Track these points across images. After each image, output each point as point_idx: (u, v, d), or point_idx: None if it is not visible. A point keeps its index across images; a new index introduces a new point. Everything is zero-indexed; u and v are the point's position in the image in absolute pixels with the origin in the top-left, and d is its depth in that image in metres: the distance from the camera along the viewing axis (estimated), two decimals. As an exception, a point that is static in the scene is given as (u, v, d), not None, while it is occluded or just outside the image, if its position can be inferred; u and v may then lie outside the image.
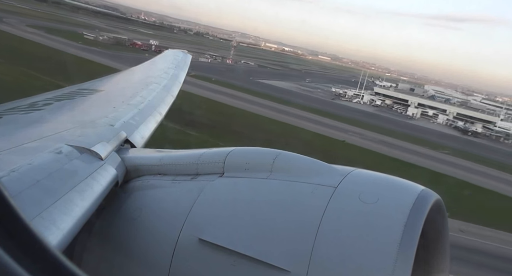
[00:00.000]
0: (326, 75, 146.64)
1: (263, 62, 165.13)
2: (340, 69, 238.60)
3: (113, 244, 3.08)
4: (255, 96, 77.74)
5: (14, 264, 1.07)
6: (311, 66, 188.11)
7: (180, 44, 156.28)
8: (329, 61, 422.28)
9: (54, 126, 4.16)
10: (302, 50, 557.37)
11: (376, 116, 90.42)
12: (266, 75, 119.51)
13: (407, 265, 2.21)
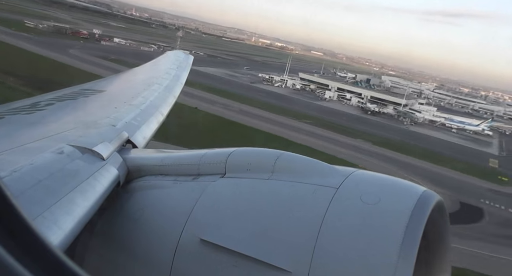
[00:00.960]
0: (283, 65, 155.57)
1: (220, 53, 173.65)
2: (314, 62, 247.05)
3: (114, 244, 3.14)
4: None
5: (16, 263, 1.08)
6: (281, 59, 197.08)
7: (136, 35, 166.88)
8: (321, 57, 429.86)
9: (56, 126, 4.23)
10: (296, 46, 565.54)
11: (284, 97, 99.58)
12: (204, 62, 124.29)
13: (409, 266, 2.23)
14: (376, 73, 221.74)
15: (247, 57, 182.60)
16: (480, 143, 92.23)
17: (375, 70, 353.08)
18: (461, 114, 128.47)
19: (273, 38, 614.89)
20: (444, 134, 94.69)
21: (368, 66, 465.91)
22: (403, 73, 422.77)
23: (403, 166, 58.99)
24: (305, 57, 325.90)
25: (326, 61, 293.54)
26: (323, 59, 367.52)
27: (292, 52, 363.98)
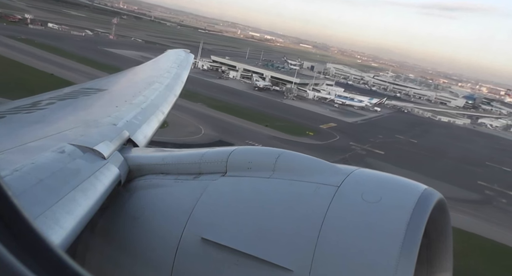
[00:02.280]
0: (234, 53, 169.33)
1: (167, 40, 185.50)
2: (287, 53, 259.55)
3: (116, 243, 3.17)
4: (63, 56, 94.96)
5: (18, 263, 1.10)
6: (242, 48, 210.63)
7: (85, 22, 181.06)
8: (308, 49, 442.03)
9: (57, 125, 4.28)
10: (289, 39, 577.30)
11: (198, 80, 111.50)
12: (129, 47, 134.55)
13: (410, 264, 2.26)
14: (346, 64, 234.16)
15: (198, 45, 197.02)
16: (344, 114, 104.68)
17: (358, 62, 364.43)
18: (390, 97, 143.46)
19: (267, 32, 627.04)
20: (318, 107, 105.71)
21: (358, 59, 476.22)
22: (389, 66, 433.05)
23: (216, 122, 70.18)
24: (284, 48, 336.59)
25: (307, 53, 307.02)
26: (308, 51, 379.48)
27: (273, 44, 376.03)
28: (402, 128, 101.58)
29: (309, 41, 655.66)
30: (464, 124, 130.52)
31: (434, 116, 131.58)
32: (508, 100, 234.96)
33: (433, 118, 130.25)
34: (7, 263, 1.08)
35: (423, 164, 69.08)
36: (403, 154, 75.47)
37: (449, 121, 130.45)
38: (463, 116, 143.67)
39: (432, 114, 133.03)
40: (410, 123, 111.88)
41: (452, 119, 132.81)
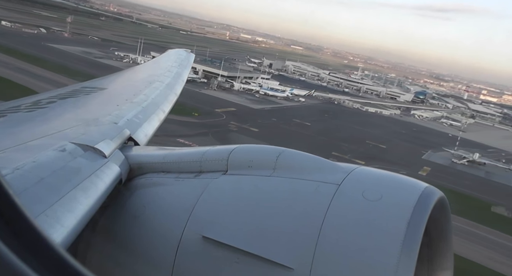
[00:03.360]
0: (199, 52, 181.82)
1: (129, 40, 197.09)
2: (255, 51, 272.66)
3: (117, 242, 3.23)
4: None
5: (19, 261, 1.12)
6: (212, 48, 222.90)
7: (49, 22, 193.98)
8: (299, 51, 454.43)
9: (58, 124, 4.32)
10: (284, 41, 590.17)
11: (111, 67, 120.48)
12: (78, 44, 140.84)
13: (411, 262, 2.30)
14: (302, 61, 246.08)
15: (165, 45, 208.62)
16: (256, 102, 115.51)
17: (344, 63, 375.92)
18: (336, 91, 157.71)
19: (263, 34, 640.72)
20: (236, 96, 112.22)
21: (351, 60, 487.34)
22: (379, 66, 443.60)
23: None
24: (268, 50, 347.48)
25: (291, 54, 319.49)
26: (294, 52, 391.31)
27: (257, 45, 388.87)
28: (309, 114, 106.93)
29: (304, 43, 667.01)
30: (391, 114, 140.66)
31: (362, 107, 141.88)
32: (483, 97, 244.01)
33: (361, 109, 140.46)
34: (8, 262, 1.10)
35: (291, 140, 77.69)
36: (278, 132, 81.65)
37: (376, 112, 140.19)
38: (399, 108, 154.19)
39: (360, 105, 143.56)
40: (324, 111, 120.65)
41: (380, 110, 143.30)
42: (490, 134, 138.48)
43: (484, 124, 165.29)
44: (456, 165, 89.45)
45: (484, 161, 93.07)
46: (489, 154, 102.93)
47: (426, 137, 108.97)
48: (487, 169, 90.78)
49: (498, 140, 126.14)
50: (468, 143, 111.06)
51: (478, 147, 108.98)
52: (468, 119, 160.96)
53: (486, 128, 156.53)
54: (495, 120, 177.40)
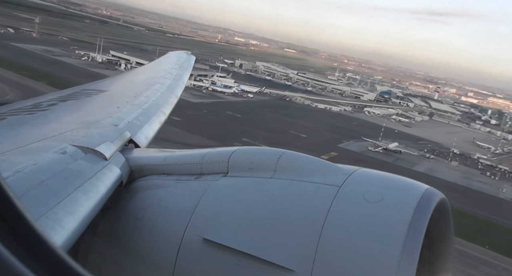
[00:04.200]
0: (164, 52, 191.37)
1: (105, 41, 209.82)
2: (240, 54, 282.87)
3: (117, 244, 3.28)
4: None
5: (20, 264, 1.13)
6: (193, 50, 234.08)
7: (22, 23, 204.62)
8: (290, 54, 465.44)
9: (59, 126, 4.36)
10: (279, 44, 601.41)
11: (66, 64, 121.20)
12: (42, 43, 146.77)
13: (412, 264, 2.33)
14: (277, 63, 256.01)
15: (138, 46, 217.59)
16: (198, 97, 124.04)
17: (334, 65, 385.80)
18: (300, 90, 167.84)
19: (260, 38, 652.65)
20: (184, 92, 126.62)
21: (346, 63, 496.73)
22: (372, 70, 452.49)
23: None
24: (256, 52, 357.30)
25: (278, 56, 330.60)
26: (283, 55, 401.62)
27: (245, 48, 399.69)
28: (247, 108, 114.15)
29: (301, 47, 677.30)
30: (340, 111, 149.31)
31: (312, 103, 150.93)
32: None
33: (311, 105, 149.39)
34: (9, 264, 1.11)
35: (207, 127, 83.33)
36: (200, 121, 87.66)
37: (325, 108, 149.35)
38: (354, 106, 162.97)
39: (311, 102, 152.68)
40: (266, 106, 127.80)
41: (329, 106, 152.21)
42: (435, 129, 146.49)
43: (440, 122, 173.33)
44: (369, 153, 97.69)
45: (400, 150, 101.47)
46: (416, 145, 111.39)
47: (360, 130, 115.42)
48: (400, 156, 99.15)
49: (439, 134, 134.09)
50: (405, 136, 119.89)
51: (412, 140, 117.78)
52: (423, 117, 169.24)
53: (437, 124, 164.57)
54: (454, 119, 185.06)
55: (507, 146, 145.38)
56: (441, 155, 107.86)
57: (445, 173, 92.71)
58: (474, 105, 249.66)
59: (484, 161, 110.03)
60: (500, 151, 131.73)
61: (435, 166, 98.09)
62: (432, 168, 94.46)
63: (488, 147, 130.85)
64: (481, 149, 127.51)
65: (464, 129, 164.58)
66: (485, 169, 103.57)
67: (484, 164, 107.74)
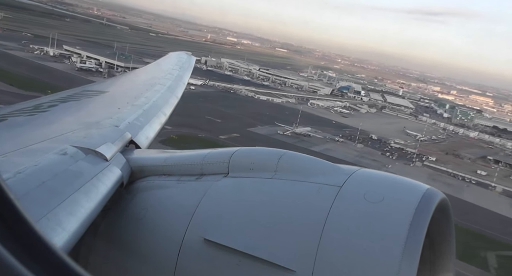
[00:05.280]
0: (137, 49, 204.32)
1: (73, 38, 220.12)
2: (222, 53, 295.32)
3: (118, 245, 3.34)
4: None
5: (20, 265, 1.15)
6: (166, 48, 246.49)
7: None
8: (283, 53, 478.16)
9: (59, 127, 4.47)
10: (272, 44, 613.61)
11: (13, 57, 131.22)
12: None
13: (413, 264, 2.38)
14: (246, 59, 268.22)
15: (110, 43, 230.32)
16: None
17: (321, 63, 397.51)
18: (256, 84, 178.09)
19: (257, 38, 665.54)
20: None
21: (337, 62, 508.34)
22: (362, 68, 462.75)
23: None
24: (241, 51, 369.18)
25: (263, 55, 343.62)
26: (275, 55, 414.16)
27: (229, 47, 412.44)
28: (185, 97, 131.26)
29: (296, 46, 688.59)
30: (282, 102, 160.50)
31: (254, 95, 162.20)
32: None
33: (254, 97, 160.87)
34: (9, 265, 1.13)
35: None
36: None
37: (268, 99, 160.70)
38: (297, 98, 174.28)
39: (254, 93, 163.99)
40: (202, 96, 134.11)
41: (272, 98, 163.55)
42: (373, 120, 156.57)
43: (389, 114, 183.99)
44: (276, 136, 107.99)
45: (309, 134, 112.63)
46: (337, 131, 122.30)
47: (287, 118, 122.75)
48: (306, 139, 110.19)
49: (372, 124, 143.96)
50: (332, 124, 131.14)
51: (338, 127, 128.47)
52: (370, 109, 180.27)
53: (381, 116, 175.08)
54: (405, 112, 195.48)
55: (439, 135, 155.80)
56: (353, 139, 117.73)
57: (341, 152, 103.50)
58: (438, 100, 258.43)
59: (394, 145, 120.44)
60: (426, 138, 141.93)
61: (336, 147, 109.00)
62: (330, 148, 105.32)
63: (415, 135, 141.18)
64: (407, 136, 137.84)
65: (409, 120, 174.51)
66: (390, 151, 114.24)
67: (393, 147, 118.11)
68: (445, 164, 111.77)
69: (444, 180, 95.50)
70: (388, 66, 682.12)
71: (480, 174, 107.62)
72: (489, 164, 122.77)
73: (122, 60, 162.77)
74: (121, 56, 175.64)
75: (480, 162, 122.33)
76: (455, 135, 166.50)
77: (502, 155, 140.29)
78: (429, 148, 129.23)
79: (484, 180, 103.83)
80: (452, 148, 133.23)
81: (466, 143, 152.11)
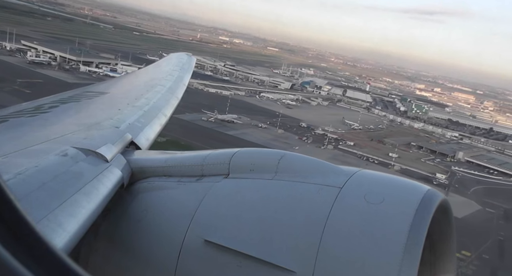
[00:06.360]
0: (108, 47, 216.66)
1: (43, 35, 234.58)
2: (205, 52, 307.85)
3: (119, 246, 3.38)
4: None
5: (21, 267, 1.17)
6: (141, 45, 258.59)
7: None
8: (273, 52, 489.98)
9: (60, 128, 4.50)
10: (268, 43, 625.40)
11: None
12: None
13: (413, 266, 2.41)
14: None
15: (83, 41, 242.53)
16: (81, 79, 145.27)
17: (309, 62, 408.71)
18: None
19: (252, 38, 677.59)
20: (60, 73, 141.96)
21: (331, 61, 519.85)
22: (353, 67, 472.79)
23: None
24: (226, 50, 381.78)
25: (254, 54, 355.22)
26: (264, 53, 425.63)
27: (214, 46, 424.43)
28: None
29: (291, 45, 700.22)
30: (230, 94, 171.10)
31: (204, 88, 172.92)
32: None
33: (203, 89, 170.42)
34: (10, 267, 1.15)
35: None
36: (44, 93, 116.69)
37: (216, 92, 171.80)
38: (249, 91, 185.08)
39: (204, 86, 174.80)
40: None
41: (220, 91, 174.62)
42: (318, 111, 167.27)
43: (342, 107, 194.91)
44: (198, 121, 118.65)
45: (233, 120, 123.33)
46: (271, 120, 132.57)
47: (224, 108, 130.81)
48: (228, 124, 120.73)
49: (313, 115, 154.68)
50: (268, 113, 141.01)
51: (274, 116, 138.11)
52: (322, 102, 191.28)
53: (330, 108, 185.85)
54: (362, 105, 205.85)
55: (379, 125, 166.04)
56: (278, 126, 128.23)
57: (256, 136, 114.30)
58: (405, 96, 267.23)
59: (319, 131, 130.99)
60: (361, 127, 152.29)
61: (255, 132, 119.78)
62: (247, 133, 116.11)
63: (351, 124, 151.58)
64: (343, 126, 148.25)
65: (360, 113, 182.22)
66: (308, 136, 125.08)
67: (316, 133, 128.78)
68: (361, 148, 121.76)
69: (345, 159, 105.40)
70: (383, 65, 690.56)
71: (391, 156, 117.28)
72: (409, 149, 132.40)
73: (76, 54, 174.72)
74: (77, 51, 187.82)
75: (403, 147, 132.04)
76: (399, 126, 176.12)
77: (433, 143, 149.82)
78: (357, 135, 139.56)
79: (388, 161, 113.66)
80: (382, 136, 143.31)
81: (404, 132, 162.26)
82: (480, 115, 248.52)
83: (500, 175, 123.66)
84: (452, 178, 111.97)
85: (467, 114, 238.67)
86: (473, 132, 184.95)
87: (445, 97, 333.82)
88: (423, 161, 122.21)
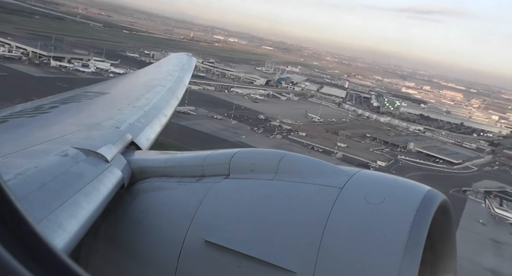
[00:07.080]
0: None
1: (26, 33, 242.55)
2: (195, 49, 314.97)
3: (119, 246, 3.42)
4: None
5: (20, 267, 1.19)
6: (127, 43, 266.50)
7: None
8: (267, 51, 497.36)
9: (60, 129, 4.58)
10: (264, 43, 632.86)
11: None
12: None
13: (414, 266, 2.45)
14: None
15: (62, 38, 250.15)
16: (52, 73, 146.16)
17: (301, 60, 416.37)
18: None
19: (249, 37, 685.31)
20: (36, 69, 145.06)
21: (326, 60, 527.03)
22: (348, 66, 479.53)
23: None
24: (219, 48, 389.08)
25: (246, 53, 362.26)
26: (257, 52, 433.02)
27: (206, 44, 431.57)
28: (88, 83, 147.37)
29: (288, 44, 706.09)
30: (199, 89, 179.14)
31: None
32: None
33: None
34: (10, 267, 1.16)
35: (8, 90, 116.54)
36: (8, 88, 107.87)
37: (188, 87, 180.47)
38: (220, 86, 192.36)
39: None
40: None
41: (190, 86, 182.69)
42: (285, 106, 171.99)
43: (314, 102, 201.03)
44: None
45: (189, 112, 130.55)
46: (230, 112, 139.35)
47: (188, 102, 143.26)
48: (185, 116, 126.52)
49: (278, 109, 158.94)
50: (232, 107, 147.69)
51: (235, 109, 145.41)
52: (293, 97, 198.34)
53: (299, 103, 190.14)
54: (335, 101, 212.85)
55: (342, 118, 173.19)
56: (232, 118, 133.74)
57: (207, 126, 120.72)
58: (381, 93, 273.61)
59: (275, 123, 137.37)
60: (322, 120, 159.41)
61: (208, 122, 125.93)
62: (200, 123, 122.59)
63: (312, 117, 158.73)
64: (304, 119, 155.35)
65: (329, 107, 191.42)
66: (264, 128, 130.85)
67: (271, 124, 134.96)
68: (311, 138, 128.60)
69: (290, 147, 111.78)
70: (380, 63, 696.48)
71: (340, 146, 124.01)
72: (362, 140, 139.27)
73: (48, 50, 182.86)
74: (50, 47, 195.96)
75: (356, 138, 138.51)
76: (365, 120, 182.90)
77: (392, 135, 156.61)
78: (315, 127, 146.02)
79: (333, 150, 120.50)
80: (341, 128, 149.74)
81: (367, 126, 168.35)
82: (458, 112, 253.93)
83: (444, 163, 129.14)
84: (393, 165, 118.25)
85: (443, 110, 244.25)
86: (440, 127, 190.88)
87: (431, 95, 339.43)
88: (371, 151, 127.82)
